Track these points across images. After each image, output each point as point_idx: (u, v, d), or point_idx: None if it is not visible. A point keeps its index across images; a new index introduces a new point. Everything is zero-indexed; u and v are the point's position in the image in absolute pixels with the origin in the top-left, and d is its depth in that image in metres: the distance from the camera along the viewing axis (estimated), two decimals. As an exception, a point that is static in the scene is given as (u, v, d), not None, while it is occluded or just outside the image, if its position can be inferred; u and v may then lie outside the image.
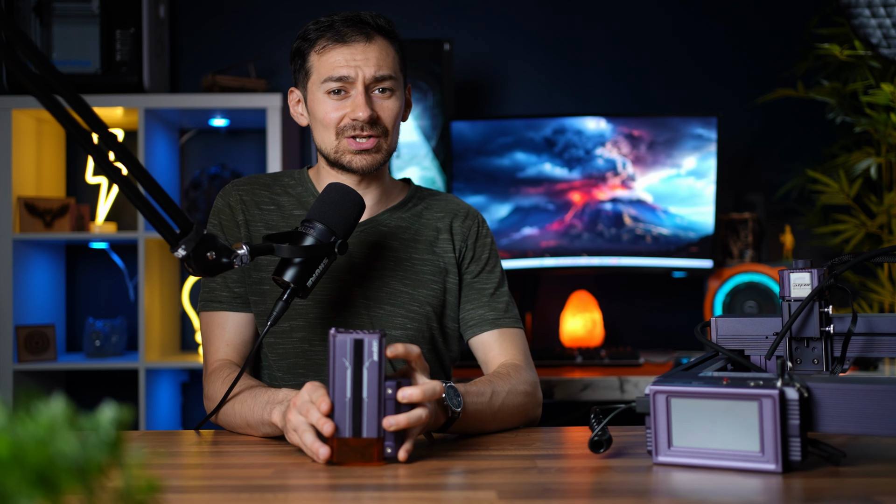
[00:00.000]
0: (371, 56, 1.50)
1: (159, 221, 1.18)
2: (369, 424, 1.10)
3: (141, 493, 0.52)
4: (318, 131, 1.55)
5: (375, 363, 1.11)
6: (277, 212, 1.60)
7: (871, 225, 2.75)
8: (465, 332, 1.63)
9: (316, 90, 1.53)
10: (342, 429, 1.10)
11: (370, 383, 1.10)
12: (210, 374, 1.49)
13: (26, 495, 0.48)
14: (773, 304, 2.59)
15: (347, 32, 1.50)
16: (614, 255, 2.74)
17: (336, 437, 1.10)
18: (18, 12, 2.78)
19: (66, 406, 0.51)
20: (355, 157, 1.52)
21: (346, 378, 1.11)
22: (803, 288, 1.24)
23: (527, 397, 1.47)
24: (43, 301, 2.92)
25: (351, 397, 1.10)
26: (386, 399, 1.11)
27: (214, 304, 1.55)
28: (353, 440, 1.11)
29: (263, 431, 1.33)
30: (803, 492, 0.96)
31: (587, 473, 1.08)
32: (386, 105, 1.53)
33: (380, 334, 1.11)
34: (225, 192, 1.62)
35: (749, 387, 1.03)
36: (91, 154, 1.10)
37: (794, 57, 3.06)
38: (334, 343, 1.11)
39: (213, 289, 1.55)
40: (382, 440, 1.11)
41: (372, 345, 1.11)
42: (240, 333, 1.55)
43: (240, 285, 1.55)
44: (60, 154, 3.09)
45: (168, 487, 1.02)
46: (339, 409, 1.11)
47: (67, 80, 1.07)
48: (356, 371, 1.11)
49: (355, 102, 1.50)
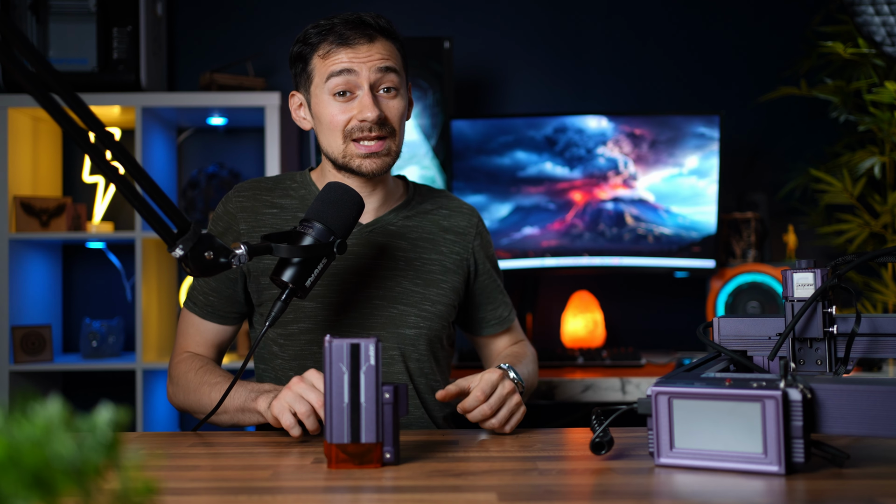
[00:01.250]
0: (374, 54, 1.51)
1: (157, 221, 1.18)
2: (367, 429, 1.10)
3: (138, 495, 0.52)
4: (325, 135, 1.55)
5: (372, 367, 1.10)
6: (279, 215, 1.61)
7: (874, 224, 2.75)
8: (481, 328, 1.75)
9: (320, 93, 1.53)
10: (340, 435, 1.10)
11: (367, 387, 1.10)
12: (180, 361, 1.58)
13: (22, 497, 0.48)
14: (776, 305, 2.59)
15: (350, 35, 1.50)
16: (616, 254, 2.74)
17: (334, 443, 1.10)
18: (15, 9, 2.78)
19: (63, 407, 0.51)
20: (364, 160, 1.53)
21: (343, 383, 1.10)
22: (806, 288, 1.24)
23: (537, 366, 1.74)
24: (39, 301, 2.92)
25: (349, 402, 1.10)
26: (384, 403, 1.11)
27: (190, 304, 1.63)
28: (351, 446, 1.10)
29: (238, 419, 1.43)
30: (806, 494, 0.96)
31: (588, 475, 1.08)
32: (392, 105, 1.54)
33: (376, 339, 1.11)
34: (226, 199, 1.64)
35: (752, 388, 1.03)
36: (88, 153, 1.10)
37: (797, 55, 3.06)
38: (330, 349, 1.10)
39: (194, 287, 1.63)
40: (381, 445, 1.11)
41: (369, 349, 1.10)
42: (211, 338, 1.63)
43: (216, 295, 1.59)
44: (57, 153, 3.09)
45: (165, 489, 1.02)
46: (336, 414, 1.10)
47: (64, 78, 1.07)
48: (353, 375, 1.10)
49: (362, 103, 1.50)
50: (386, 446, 1.12)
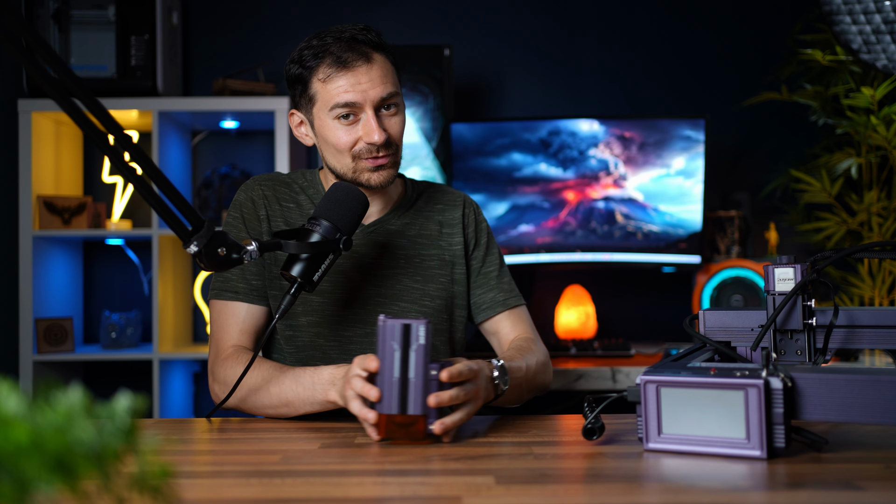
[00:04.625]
0: (375, 77, 1.48)
1: (172, 219, 1.18)
2: (415, 402, 1.14)
3: (155, 479, 0.52)
4: (331, 154, 1.53)
5: (422, 346, 1.14)
6: (297, 210, 1.61)
7: (851, 222, 2.75)
8: (476, 315, 1.67)
9: (324, 116, 1.50)
10: (390, 406, 1.15)
11: (417, 365, 1.14)
12: (224, 360, 1.48)
13: (45, 480, 0.48)
14: (759, 298, 2.59)
15: (347, 57, 1.47)
16: (607, 251, 2.74)
17: (384, 414, 1.15)
18: (38, 19, 2.78)
19: (84, 395, 0.51)
20: (373, 174, 1.51)
21: (394, 360, 1.15)
22: (787, 282, 1.24)
23: (545, 367, 1.58)
24: (61, 295, 2.92)
25: (399, 377, 1.15)
26: (431, 379, 1.15)
27: (229, 293, 1.54)
28: (399, 417, 1.15)
29: (306, 410, 1.36)
30: (787, 477, 0.96)
31: (581, 459, 1.08)
32: (394, 122, 1.52)
33: (426, 321, 1.15)
34: (247, 187, 1.62)
35: (735, 377, 1.03)
36: (107, 154, 1.10)
37: (778, 62, 3.06)
38: (384, 327, 1.15)
39: (228, 279, 1.54)
40: (426, 417, 1.15)
41: (419, 329, 1.14)
42: (253, 323, 1.54)
43: (258, 278, 1.55)
44: (78, 155, 3.08)
45: (180, 473, 1.02)
46: (387, 388, 1.15)
47: (85, 84, 1.07)
48: (404, 353, 1.15)
49: (368, 127, 1.48)
50: (431, 419, 1.16)
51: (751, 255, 2.91)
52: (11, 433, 0.48)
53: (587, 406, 1.19)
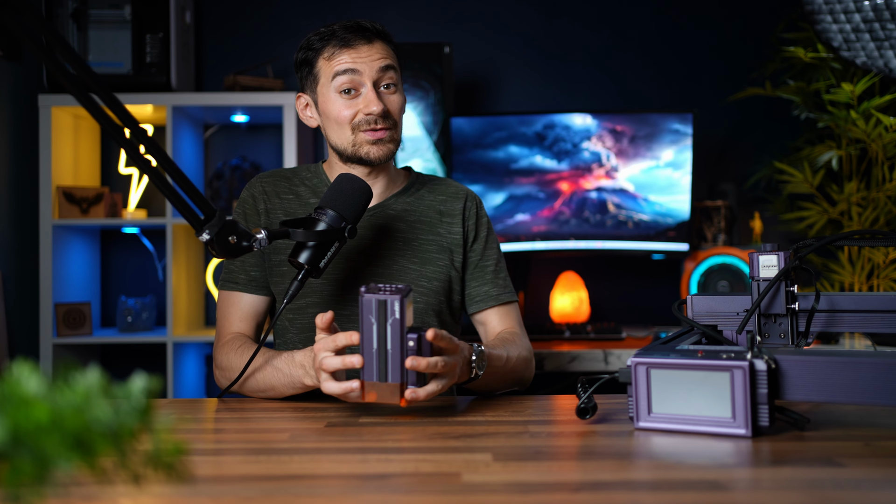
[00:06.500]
0: (374, 54, 1.51)
1: (185, 208, 1.17)
2: (393, 371, 1.16)
3: (169, 456, 0.52)
4: (333, 129, 1.55)
5: (397, 320, 1.15)
6: (296, 200, 1.61)
7: (832, 212, 2.74)
8: (469, 306, 1.65)
9: (327, 91, 1.53)
10: (371, 374, 1.16)
11: (393, 337, 1.15)
12: (223, 345, 1.51)
13: (65, 458, 0.48)
14: (744, 284, 2.59)
15: (350, 38, 1.51)
16: (599, 239, 2.74)
17: (366, 381, 1.17)
18: (57, 19, 2.77)
19: (101, 376, 0.51)
20: (372, 147, 1.52)
21: (372, 332, 1.16)
22: (771, 269, 1.24)
23: (527, 362, 1.55)
24: (80, 281, 2.92)
25: (377, 348, 1.16)
26: (408, 350, 1.16)
27: (231, 284, 1.58)
28: (380, 384, 1.17)
29: (290, 392, 1.37)
30: (771, 454, 0.96)
31: (574, 437, 1.08)
32: (393, 99, 1.54)
33: (401, 295, 1.15)
34: (250, 185, 1.65)
35: (721, 359, 1.03)
36: (123, 147, 1.10)
37: (763, 59, 3.05)
38: (362, 302, 1.15)
39: (231, 271, 1.58)
40: (405, 385, 1.17)
41: (394, 304, 1.15)
42: (253, 311, 1.58)
43: (257, 269, 1.57)
44: (95, 147, 3.08)
45: (193, 450, 1.02)
46: (367, 357, 1.16)
47: (102, 80, 1.06)
48: (381, 327, 1.15)
49: (367, 99, 1.50)
50: (410, 386, 1.17)
51: (736, 243, 2.91)
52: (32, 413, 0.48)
53: (580, 387, 1.19)
